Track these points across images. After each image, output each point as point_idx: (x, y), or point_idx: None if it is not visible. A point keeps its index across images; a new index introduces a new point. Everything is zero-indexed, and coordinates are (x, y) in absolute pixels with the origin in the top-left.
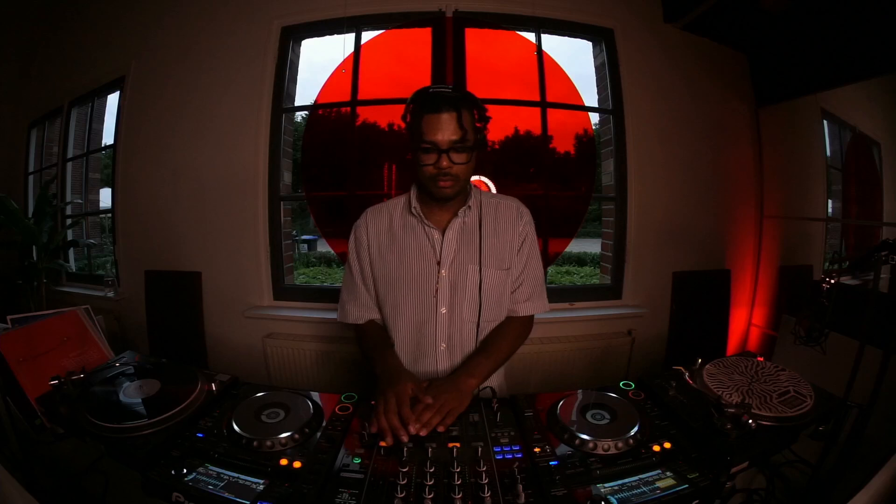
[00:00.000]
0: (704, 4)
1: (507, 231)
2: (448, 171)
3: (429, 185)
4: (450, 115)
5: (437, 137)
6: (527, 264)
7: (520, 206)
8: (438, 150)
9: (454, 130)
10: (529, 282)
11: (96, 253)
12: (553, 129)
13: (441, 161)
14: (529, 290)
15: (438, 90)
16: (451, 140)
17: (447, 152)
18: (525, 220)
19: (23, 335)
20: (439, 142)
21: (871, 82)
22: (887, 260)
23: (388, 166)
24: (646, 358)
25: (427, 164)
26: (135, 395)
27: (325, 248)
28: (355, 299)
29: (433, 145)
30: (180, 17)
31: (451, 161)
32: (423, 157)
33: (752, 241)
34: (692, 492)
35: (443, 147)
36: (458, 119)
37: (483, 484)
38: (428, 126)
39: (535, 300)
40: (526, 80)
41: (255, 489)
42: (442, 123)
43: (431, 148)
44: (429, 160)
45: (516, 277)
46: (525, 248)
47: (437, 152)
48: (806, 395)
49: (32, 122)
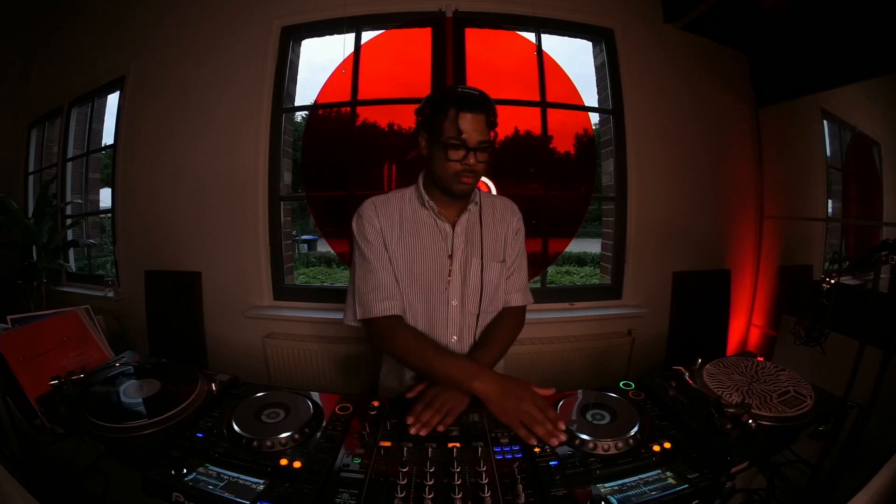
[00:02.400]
0: (704, 4)
1: (503, 225)
2: (473, 168)
3: (450, 181)
4: (482, 116)
5: (469, 136)
6: (518, 257)
7: (512, 205)
8: (468, 148)
9: (483, 131)
10: (520, 273)
11: (96, 253)
12: (553, 129)
13: (469, 158)
14: (520, 282)
15: (472, 90)
16: (479, 140)
17: (475, 150)
18: (518, 216)
19: (23, 335)
20: (470, 140)
21: (871, 82)
22: (887, 260)
23: (388, 166)
24: (646, 358)
25: (454, 159)
26: (135, 395)
27: (325, 248)
28: (379, 288)
29: (463, 143)
30: (180, 17)
31: (478, 160)
32: (451, 153)
33: (752, 241)
34: (692, 492)
35: (472, 145)
36: (486, 120)
37: (483, 484)
38: (462, 123)
39: (525, 291)
40: (526, 80)
41: (255, 489)
42: (476, 123)
43: (461, 145)
44: (457, 156)
45: (508, 267)
46: (518, 239)
47: (465, 149)
48: (806, 395)
49: (32, 122)
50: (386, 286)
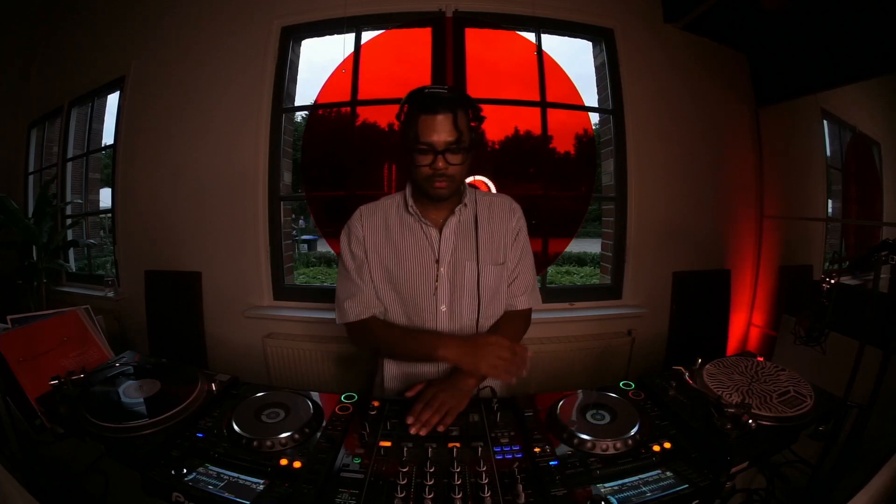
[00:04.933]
0: (704, 4)
1: (501, 226)
2: (444, 172)
3: (424, 186)
4: (445, 117)
5: (432, 139)
6: (521, 258)
7: (511, 203)
8: (434, 152)
9: (450, 132)
10: (525, 275)
11: (96, 253)
12: (553, 129)
13: (437, 162)
14: (525, 284)
15: (434, 91)
16: (446, 141)
17: (443, 153)
18: (518, 214)
19: (23, 335)
20: (435, 143)
21: (871, 82)
22: (887, 260)
23: (388, 166)
24: (646, 358)
25: (423, 164)
26: (135, 395)
27: (325, 248)
28: (353, 296)
29: (429, 146)
30: (180, 17)
31: (447, 162)
32: (419, 157)
33: (752, 241)
34: (692, 492)
35: (439, 148)
36: (453, 120)
37: (483, 484)
38: (424, 127)
39: (530, 294)
40: (526, 80)
41: (255, 489)
42: (437, 125)
43: (427, 149)
44: (424, 161)
45: (511, 270)
46: (519, 241)
47: (432, 153)
48: (806, 395)
49: (32, 122)
50: (362, 297)
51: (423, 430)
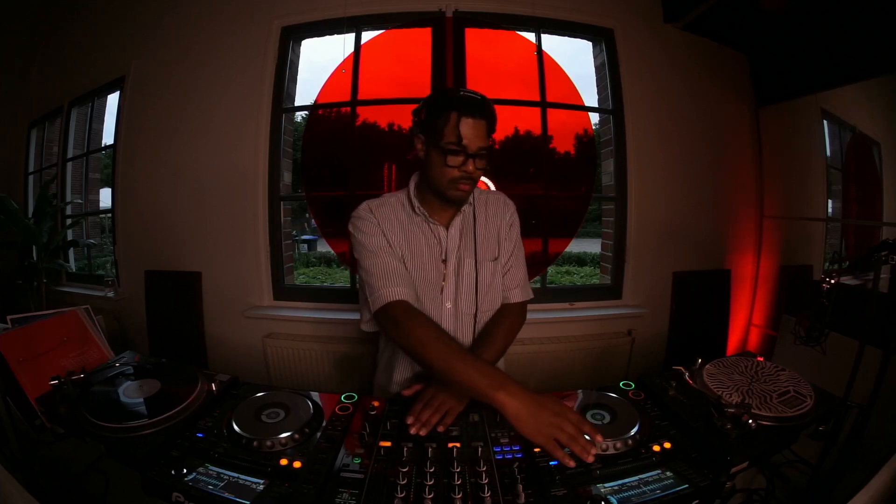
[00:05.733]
0: (704, 4)
1: (496, 221)
2: (471, 175)
3: (446, 187)
4: (483, 122)
5: (468, 142)
6: (514, 251)
7: (505, 199)
8: (467, 154)
9: (483, 138)
10: (518, 268)
11: (96, 253)
12: (553, 129)
13: (468, 165)
14: (519, 276)
15: (475, 96)
16: (479, 146)
17: (475, 157)
18: (511, 209)
19: (23, 335)
20: (471, 146)
21: (871, 82)
22: (887, 260)
23: (388, 166)
24: (646, 358)
25: (453, 165)
26: (135, 395)
27: (325, 248)
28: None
29: (464, 149)
30: (180, 17)
31: (476, 166)
32: (450, 158)
33: (752, 241)
34: (692, 492)
35: (472, 151)
36: (486, 127)
37: (483, 484)
38: (463, 129)
39: (524, 287)
40: (526, 80)
41: (255, 489)
42: (478, 129)
43: (461, 151)
44: (455, 162)
45: (505, 262)
46: (513, 233)
47: (465, 156)
48: (806, 395)
49: (32, 122)
50: (394, 270)
51: (423, 430)
